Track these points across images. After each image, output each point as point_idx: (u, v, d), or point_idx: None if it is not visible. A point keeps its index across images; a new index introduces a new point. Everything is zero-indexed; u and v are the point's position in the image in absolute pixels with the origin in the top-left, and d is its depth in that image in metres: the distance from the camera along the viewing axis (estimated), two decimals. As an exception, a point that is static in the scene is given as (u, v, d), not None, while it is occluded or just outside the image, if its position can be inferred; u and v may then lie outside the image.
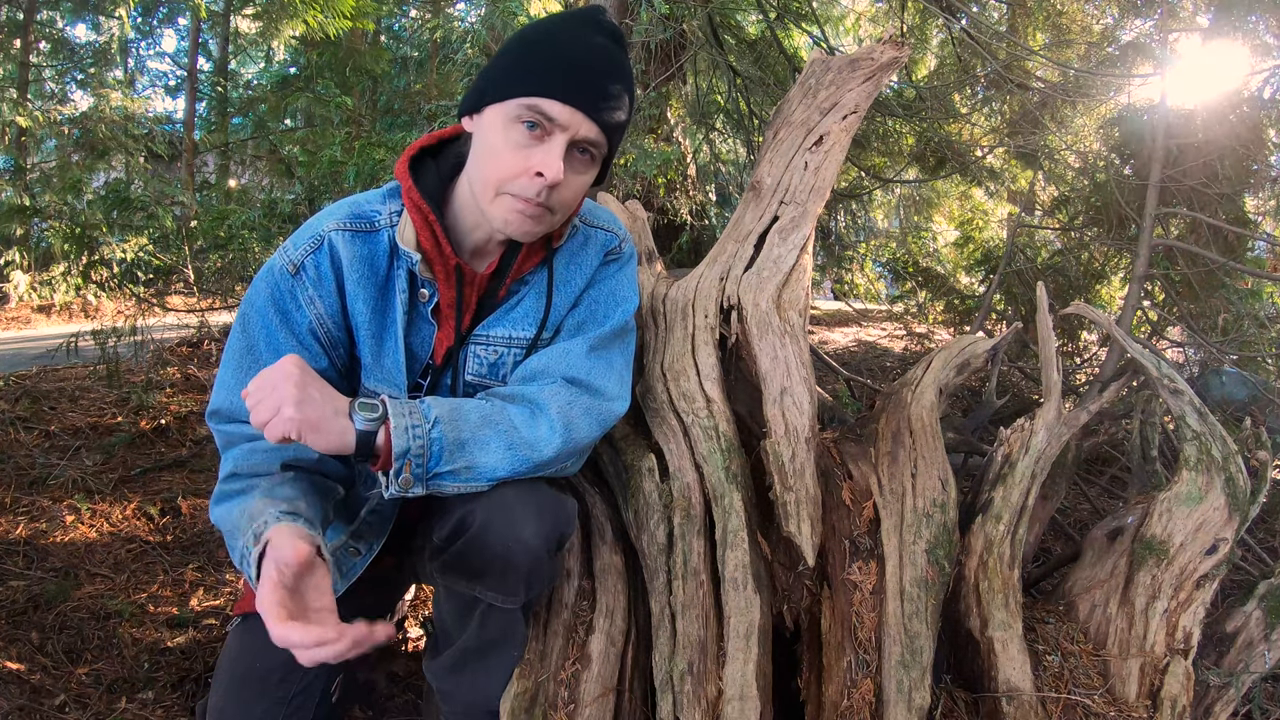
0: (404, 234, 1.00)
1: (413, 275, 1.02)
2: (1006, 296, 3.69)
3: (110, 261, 3.09)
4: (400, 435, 0.88)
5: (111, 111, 7.01)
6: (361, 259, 1.00)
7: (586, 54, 0.92)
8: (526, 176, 0.92)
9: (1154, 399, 1.79)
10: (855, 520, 1.27)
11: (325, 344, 1.02)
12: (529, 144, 0.91)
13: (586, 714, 1.07)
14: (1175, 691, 1.13)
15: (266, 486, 0.94)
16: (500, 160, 0.92)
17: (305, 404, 0.82)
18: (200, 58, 8.83)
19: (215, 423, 1.01)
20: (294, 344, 0.99)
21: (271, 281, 1.00)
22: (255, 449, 0.97)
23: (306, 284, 0.99)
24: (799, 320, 1.41)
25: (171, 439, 2.62)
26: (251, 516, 0.88)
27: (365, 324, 1.02)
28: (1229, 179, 2.63)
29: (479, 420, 0.94)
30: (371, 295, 1.01)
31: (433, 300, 1.03)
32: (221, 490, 0.97)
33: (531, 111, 0.90)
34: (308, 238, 1.01)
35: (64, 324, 6.05)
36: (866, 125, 3.90)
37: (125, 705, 1.33)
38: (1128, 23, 3.59)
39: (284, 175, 5.69)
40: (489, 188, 0.94)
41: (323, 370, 1.01)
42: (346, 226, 1.01)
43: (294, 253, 1.00)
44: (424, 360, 1.06)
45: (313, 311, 1.00)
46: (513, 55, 0.94)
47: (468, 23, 8.05)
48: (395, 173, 1.02)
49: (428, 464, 0.90)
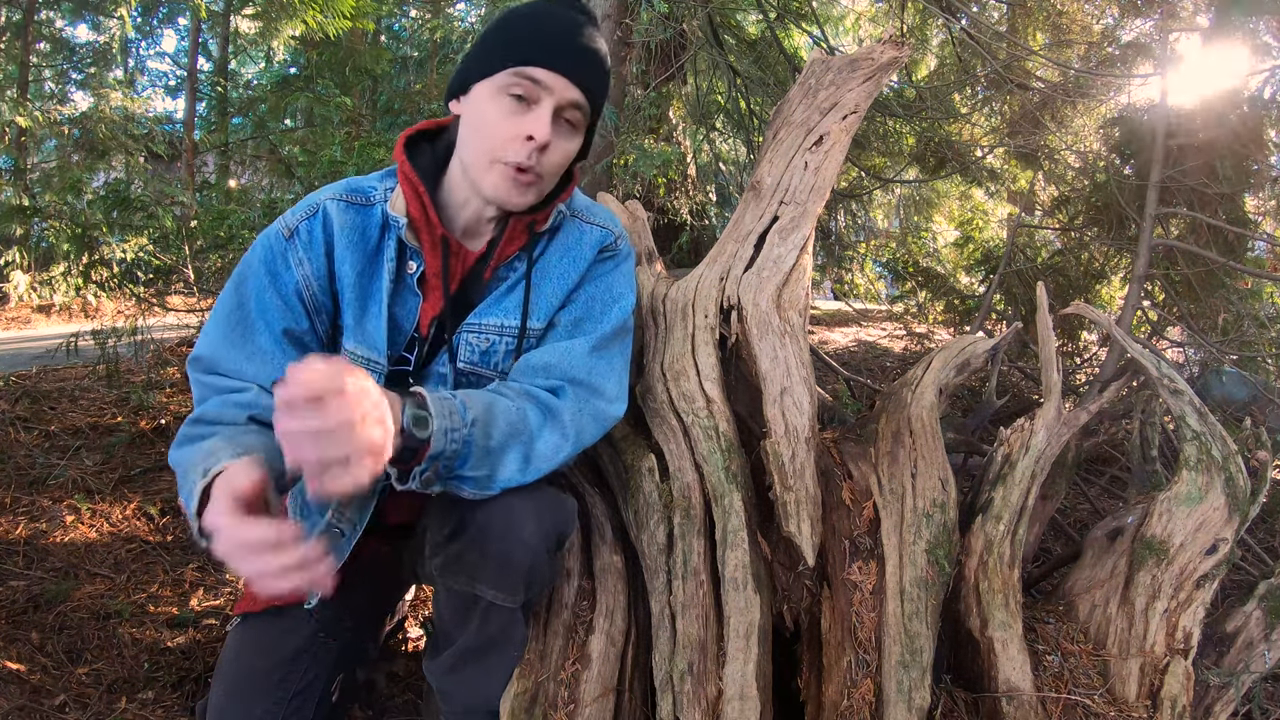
0: (395, 204, 1.05)
1: (402, 247, 1.05)
2: (1006, 296, 3.69)
3: (110, 261, 3.08)
4: (439, 437, 0.87)
5: (111, 111, 7.01)
6: (353, 227, 1.05)
7: (566, 26, 0.99)
8: (518, 141, 0.96)
9: (1154, 399, 1.79)
10: (855, 520, 1.27)
11: (310, 307, 1.05)
12: (517, 112, 0.97)
13: (586, 714, 1.07)
14: (1175, 691, 1.14)
15: (229, 433, 0.93)
16: (492, 129, 0.97)
17: (374, 445, 0.72)
18: (200, 58, 8.82)
19: (195, 370, 1.03)
20: (279, 304, 1.03)
21: (267, 244, 1.04)
22: (228, 402, 0.98)
23: (298, 246, 1.04)
24: (799, 320, 1.41)
25: (171, 439, 2.60)
26: (207, 454, 0.87)
27: (350, 285, 1.05)
28: (1229, 179, 2.63)
29: (507, 429, 0.95)
30: (359, 260, 1.05)
31: (419, 270, 1.05)
32: (184, 434, 0.97)
33: (519, 78, 0.95)
34: (305, 206, 1.07)
35: (64, 324, 6.04)
36: (866, 125, 3.90)
37: (125, 705, 1.33)
38: (1128, 23, 3.58)
39: (284, 175, 5.69)
40: (482, 157, 0.99)
41: (304, 331, 1.04)
42: (342, 197, 1.06)
43: (290, 219, 1.05)
44: (408, 332, 1.07)
45: (300, 273, 1.03)
46: (494, 35, 1.00)
47: (468, 23, 8.06)
48: (393, 154, 1.07)
49: (455, 466, 0.91)
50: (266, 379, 1.01)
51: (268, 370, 1.01)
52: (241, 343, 1.02)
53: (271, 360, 1.02)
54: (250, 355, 1.01)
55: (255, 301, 1.03)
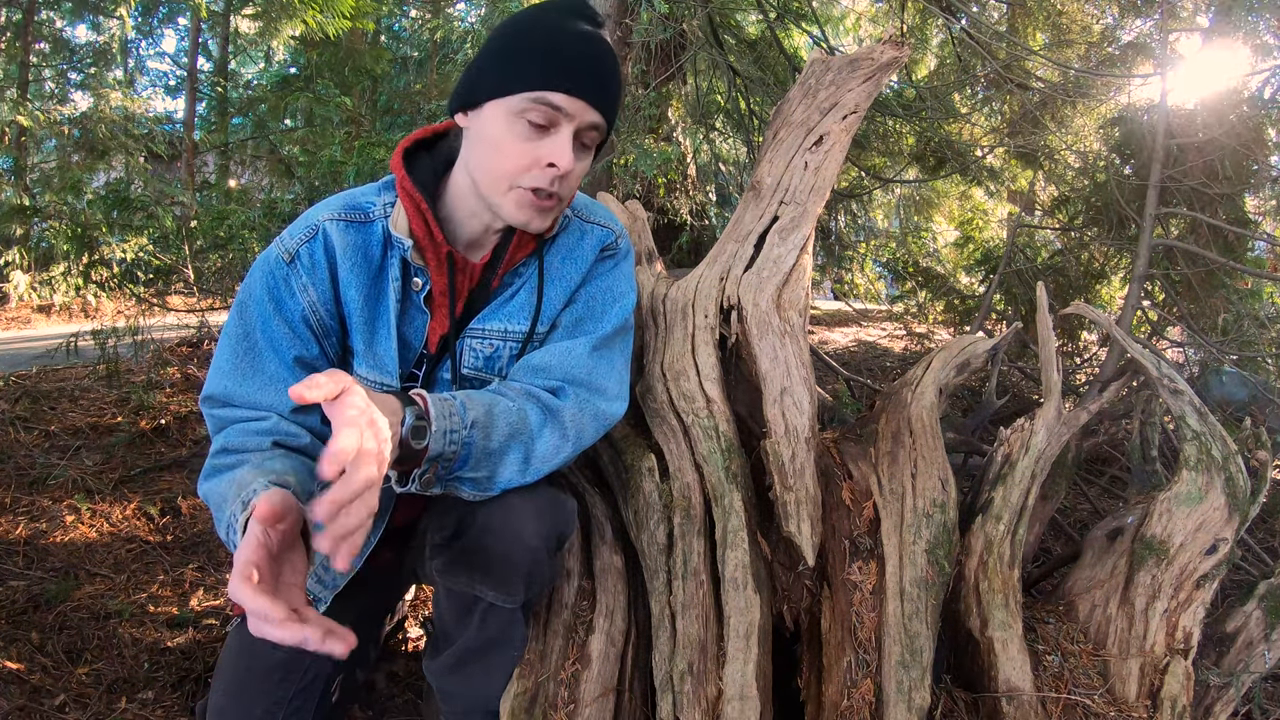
0: (397, 222, 1.02)
1: (406, 264, 1.03)
2: (1006, 296, 3.69)
3: (110, 261, 3.08)
4: (438, 439, 0.86)
5: (111, 111, 7.00)
6: (355, 248, 1.02)
7: (580, 43, 0.95)
8: (538, 168, 0.94)
9: (1154, 399, 1.79)
10: (855, 520, 1.27)
11: (318, 332, 1.03)
12: (535, 136, 0.93)
13: (586, 714, 1.07)
14: (1175, 691, 1.13)
15: (257, 460, 0.92)
16: (507, 154, 0.94)
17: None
18: (200, 58, 8.82)
19: (209, 408, 1.01)
20: (287, 331, 1.01)
21: (267, 270, 1.02)
22: (248, 429, 0.97)
23: (301, 272, 1.01)
24: (799, 320, 1.41)
25: (171, 439, 2.62)
26: (240, 485, 0.86)
27: (358, 311, 1.03)
28: (1229, 179, 2.63)
29: (508, 431, 0.94)
30: (364, 283, 1.03)
31: (425, 288, 1.04)
32: (211, 465, 0.96)
33: (538, 105, 0.92)
34: (303, 228, 1.03)
35: (64, 324, 6.04)
36: (866, 125, 3.90)
37: (125, 705, 1.33)
38: (1128, 23, 3.58)
39: (284, 175, 5.69)
40: (500, 181, 0.96)
41: (314, 357, 1.03)
42: (341, 216, 1.03)
43: (290, 242, 1.02)
44: (418, 349, 1.06)
45: (305, 299, 1.01)
46: (506, 50, 0.95)
47: (468, 23, 8.06)
48: (390, 165, 1.04)
49: (454, 467, 0.90)
50: (284, 407, 0.99)
51: (284, 398, 0.99)
52: (253, 374, 1.00)
53: (286, 386, 0.99)
54: (263, 386, 0.99)
55: (262, 331, 1.00)
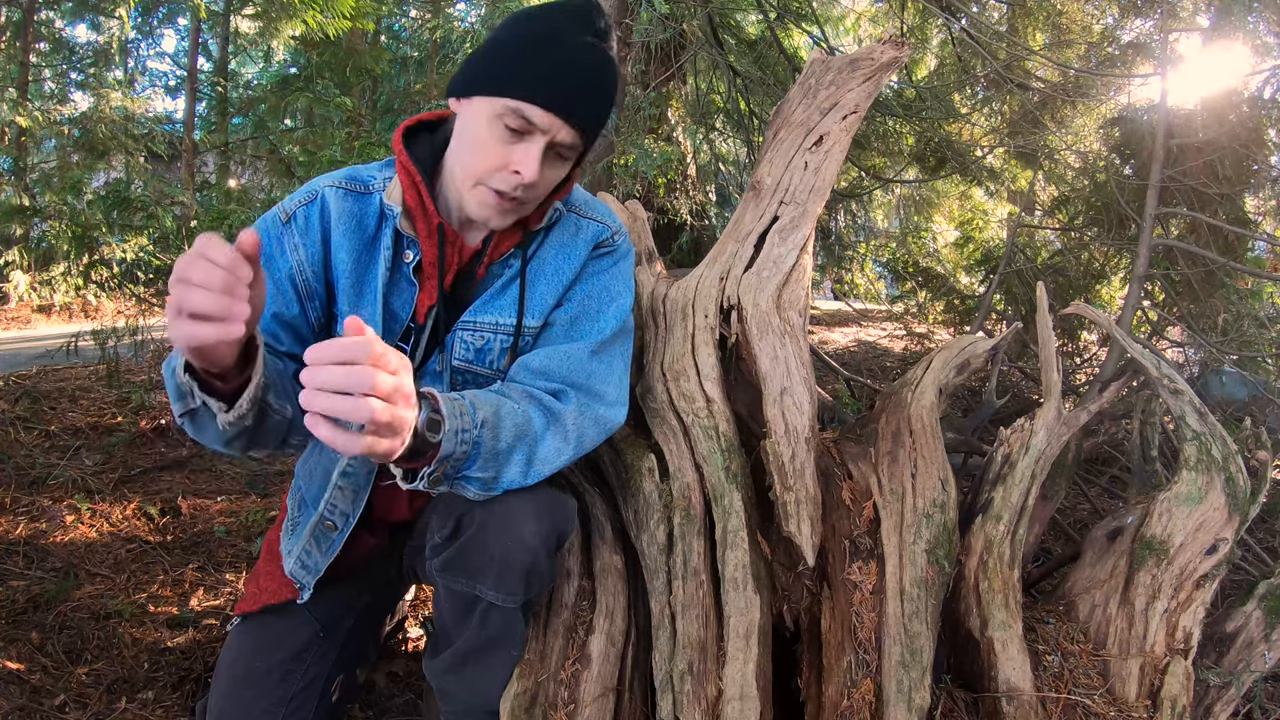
0: (391, 192, 1.05)
1: (398, 237, 1.05)
2: (1006, 296, 3.69)
3: (110, 261, 3.08)
4: (449, 439, 0.86)
5: (111, 111, 6.99)
6: (351, 215, 1.05)
7: (573, 56, 0.94)
8: (505, 172, 0.95)
9: (1154, 399, 1.79)
10: (855, 520, 1.27)
11: (301, 293, 1.04)
12: (509, 140, 0.95)
13: (586, 714, 1.07)
14: (1175, 691, 1.14)
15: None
16: (481, 152, 0.96)
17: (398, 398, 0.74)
18: (200, 58, 8.81)
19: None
20: (270, 288, 1.01)
21: (264, 228, 1.04)
22: None
23: (294, 232, 1.03)
24: (799, 320, 1.41)
25: (171, 439, 2.62)
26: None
27: (346, 273, 1.04)
28: (1229, 179, 2.63)
29: (514, 432, 0.95)
30: (355, 248, 1.05)
31: (415, 260, 1.05)
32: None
33: (514, 115, 0.93)
34: (304, 191, 1.07)
35: (64, 324, 6.04)
36: (866, 125, 3.91)
37: (125, 705, 1.33)
38: (1128, 23, 3.58)
39: (284, 175, 5.70)
40: (468, 176, 0.98)
41: (294, 316, 1.03)
42: (341, 184, 1.06)
43: (289, 204, 1.05)
44: (404, 321, 1.07)
45: (294, 258, 1.03)
46: (501, 49, 0.96)
47: (468, 23, 8.05)
48: (391, 142, 1.06)
49: (462, 467, 0.90)
50: None
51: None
52: None
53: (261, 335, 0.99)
54: None
55: None
